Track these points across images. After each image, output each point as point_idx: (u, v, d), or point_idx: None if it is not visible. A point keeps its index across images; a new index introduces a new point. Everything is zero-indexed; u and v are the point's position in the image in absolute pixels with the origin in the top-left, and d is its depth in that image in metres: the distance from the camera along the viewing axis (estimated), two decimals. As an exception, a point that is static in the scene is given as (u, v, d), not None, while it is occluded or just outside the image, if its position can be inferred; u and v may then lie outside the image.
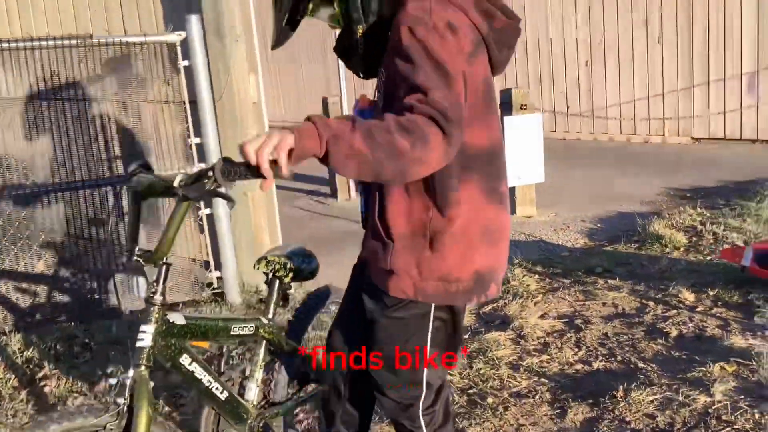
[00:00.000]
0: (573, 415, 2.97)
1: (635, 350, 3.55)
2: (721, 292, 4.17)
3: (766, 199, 6.25)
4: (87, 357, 3.86)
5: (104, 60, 4.44)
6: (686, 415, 2.86)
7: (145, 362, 1.90)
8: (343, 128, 1.62)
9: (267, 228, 4.99)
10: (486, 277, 1.94)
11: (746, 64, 9.12)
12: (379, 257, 1.93)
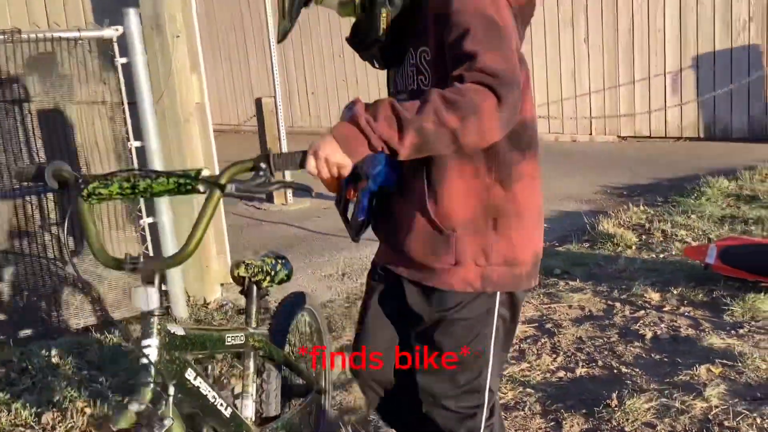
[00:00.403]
0: (569, 427, 2.84)
1: (614, 354, 3.47)
2: (684, 291, 4.15)
3: (703, 195, 6.36)
4: (27, 384, 3.49)
5: (33, 57, 4.06)
6: (686, 422, 2.77)
7: (155, 380, 1.70)
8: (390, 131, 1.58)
9: (213, 238, 4.70)
10: (539, 260, 1.92)
11: (670, 63, 9.33)
12: (437, 253, 1.82)
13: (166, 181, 1.79)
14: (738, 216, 5.64)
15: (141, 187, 1.81)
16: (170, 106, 4.42)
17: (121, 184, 1.81)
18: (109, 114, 4.22)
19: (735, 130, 9.11)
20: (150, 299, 1.73)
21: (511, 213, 1.82)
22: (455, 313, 1.85)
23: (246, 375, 2.24)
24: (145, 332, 1.74)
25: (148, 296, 1.73)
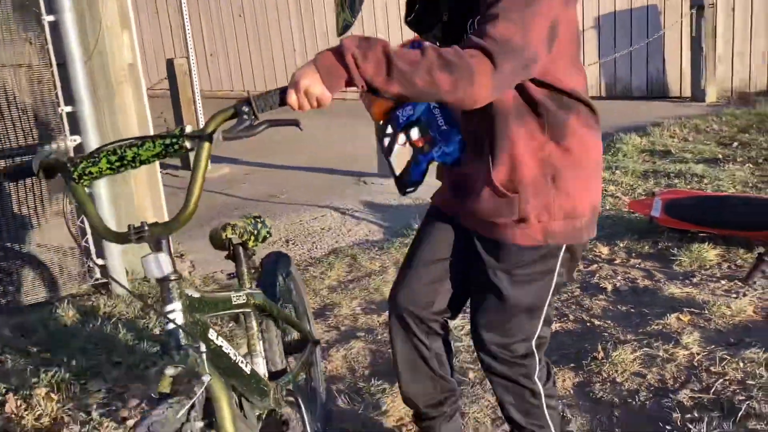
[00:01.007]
0: (561, 381, 2.89)
1: (582, 308, 3.55)
2: (630, 244, 4.29)
3: (619, 152, 6.60)
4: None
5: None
6: (674, 370, 2.87)
7: (186, 342, 1.70)
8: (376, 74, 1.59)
9: (152, 208, 4.46)
10: (597, 212, 1.98)
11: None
12: (502, 213, 1.89)
13: (152, 145, 1.74)
14: (659, 170, 5.88)
15: (129, 157, 1.77)
16: (100, 68, 4.11)
17: (109, 158, 1.77)
18: (37, 77, 3.87)
19: (635, 88, 9.49)
20: (163, 265, 1.72)
21: (567, 167, 1.87)
22: (518, 266, 1.93)
23: (251, 334, 2.24)
24: (166, 297, 1.74)
25: (160, 262, 1.72)
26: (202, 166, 1.70)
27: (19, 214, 3.99)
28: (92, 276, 4.20)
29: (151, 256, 1.72)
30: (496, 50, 1.60)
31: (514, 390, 2.07)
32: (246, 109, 1.64)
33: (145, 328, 3.60)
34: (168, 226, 1.74)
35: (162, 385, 1.64)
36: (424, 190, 2.23)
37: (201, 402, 1.66)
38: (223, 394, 1.71)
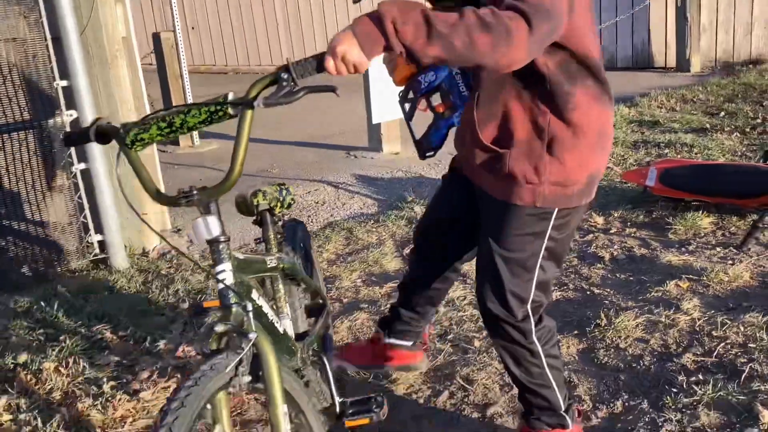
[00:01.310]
0: (566, 348, 2.94)
1: (581, 277, 3.60)
2: (624, 213, 4.35)
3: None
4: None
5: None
6: (676, 335, 2.94)
7: (232, 301, 1.76)
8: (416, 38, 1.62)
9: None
10: (595, 180, 2.05)
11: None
12: (494, 170, 1.98)
13: (198, 112, 1.78)
14: (649, 141, 5.94)
15: (177, 124, 1.80)
16: (95, 42, 4.07)
17: (159, 124, 1.81)
18: (31, 51, 3.83)
19: (620, 59, 9.54)
20: (212, 227, 1.77)
21: (567, 138, 1.93)
22: (507, 224, 2.02)
23: (278, 297, 2.30)
24: (216, 258, 1.79)
25: (209, 225, 1.77)
26: (245, 132, 1.75)
27: (17, 191, 3.97)
28: (91, 251, 4.19)
29: (201, 219, 1.79)
30: (532, 12, 1.64)
31: (514, 351, 2.17)
32: (285, 76, 1.68)
33: (150, 303, 3.61)
34: (215, 190, 1.79)
35: (211, 342, 1.71)
36: (415, 161, 2.31)
37: (248, 357, 1.73)
38: (269, 351, 1.79)
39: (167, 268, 4.15)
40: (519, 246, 2.03)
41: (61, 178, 4.06)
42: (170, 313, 3.51)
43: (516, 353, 2.17)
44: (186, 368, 2.98)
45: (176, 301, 3.63)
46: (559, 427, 2.25)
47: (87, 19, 3.98)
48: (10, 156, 3.91)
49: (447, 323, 3.24)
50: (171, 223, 4.87)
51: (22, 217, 4.01)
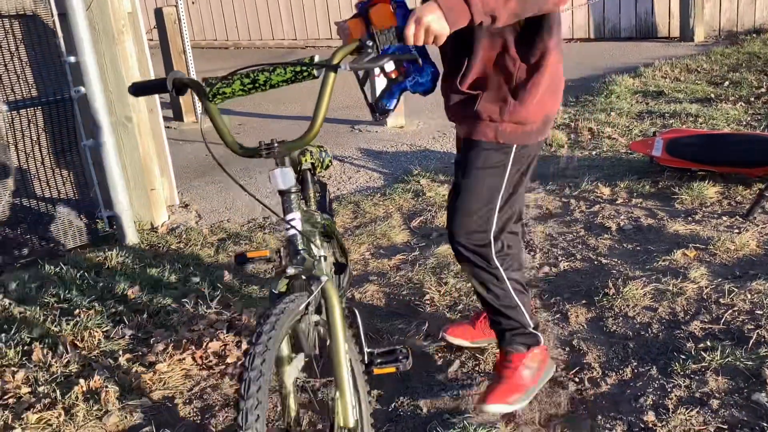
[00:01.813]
0: (575, 317, 2.98)
1: (588, 247, 3.63)
2: (631, 184, 4.37)
3: (612, 94, 6.65)
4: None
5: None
6: (684, 303, 2.97)
7: (303, 246, 1.92)
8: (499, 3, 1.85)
9: (156, 156, 4.46)
10: (550, 120, 2.27)
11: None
12: (466, 111, 2.20)
13: (284, 71, 1.89)
14: (654, 111, 5.94)
15: (261, 81, 1.92)
16: (100, 18, 4.07)
17: (242, 80, 1.92)
18: (39, 28, 3.83)
19: (623, 29, 9.49)
20: (287, 178, 1.91)
21: (533, 84, 2.13)
22: (474, 158, 2.24)
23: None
24: (287, 208, 1.93)
25: (286, 176, 1.91)
26: (327, 92, 1.86)
27: (26, 167, 3.99)
28: (101, 227, 4.22)
29: (278, 170, 1.91)
30: None
31: (479, 276, 2.38)
32: (370, 44, 1.82)
33: (161, 276, 3.65)
34: (294, 144, 1.91)
35: (280, 285, 1.87)
36: (419, 134, 2.36)
37: (317, 299, 1.88)
38: (334, 293, 1.91)
39: (177, 243, 4.19)
40: (482, 179, 2.25)
41: (70, 155, 4.08)
42: (182, 287, 3.55)
43: (482, 277, 2.38)
44: (200, 341, 3.02)
45: (187, 274, 3.67)
46: (533, 345, 2.47)
47: (92, -6, 3.98)
48: (19, 133, 3.92)
49: (456, 294, 3.28)
50: (179, 198, 4.90)
51: (32, 193, 4.04)
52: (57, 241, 4.09)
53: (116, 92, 4.14)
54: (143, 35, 4.34)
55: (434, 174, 4.98)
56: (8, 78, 3.82)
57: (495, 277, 2.37)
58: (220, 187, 5.17)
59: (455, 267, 3.52)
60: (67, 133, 3.99)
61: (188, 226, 4.46)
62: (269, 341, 1.65)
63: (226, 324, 3.16)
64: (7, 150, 3.93)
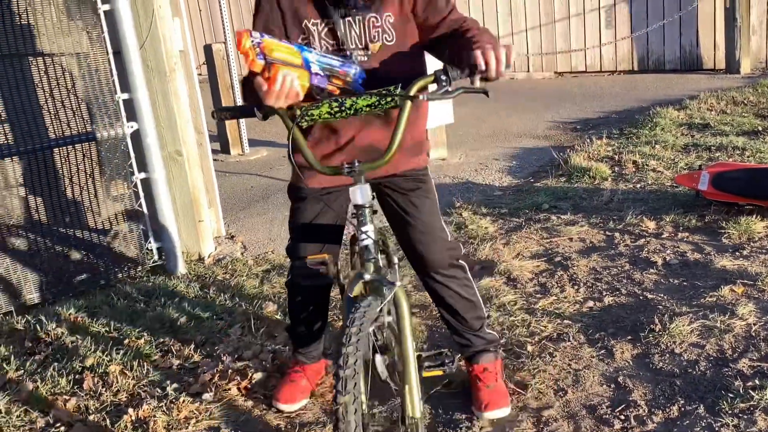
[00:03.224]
0: (620, 353, 2.96)
1: (633, 282, 3.60)
2: (676, 218, 4.33)
3: (657, 126, 6.60)
4: (47, 351, 3.34)
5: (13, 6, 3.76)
6: (732, 341, 2.93)
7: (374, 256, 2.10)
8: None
9: (204, 189, 4.56)
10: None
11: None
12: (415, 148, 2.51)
13: (369, 96, 2.07)
14: (699, 144, 5.89)
15: (348, 105, 2.08)
16: (153, 56, 4.20)
17: (330, 104, 2.08)
18: (94, 65, 3.98)
19: (668, 61, 9.44)
20: (365, 194, 2.11)
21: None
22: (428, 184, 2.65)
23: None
24: (362, 221, 2.13)
25: (363, 192, 2.10)
26: (404, 120, 2.04)
27: (80, 200, 4.12)
28: (150, 258, 4.32)
29: (358, 186, 2.11)
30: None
31: (462, 290, 2.62)
32: (444, 77, 2.00)
33: (208, 307, 3.72)
34: (372, 164, 2.09)
35: (355, 290, 2.08)
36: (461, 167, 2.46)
37: (390, 302, 2.07)
38: (404, 298, 2.11)
39: (223, 274, 4.27)
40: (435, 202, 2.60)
41: (122, 187, 4.20)
42: (228, 318, 3.61)
43: (463, 291, 2.62)
44: (245, 372, 3.07)
45: (233, 305, 3.74)
46: (500, 357, 2.80)
47: (146, 33, 4.12)
48: (74, 167, 4.06)
49: (499, 328, 3.28)
50: (225, 230, 5.00)
51: (85, 225, 4.16)
52: (108, 271, 4.19)
53: (167, 127, 4.26)
54: (194, 71, 4.47)
55: (476, 206, 5.00)
56: (65, 114, 3.96)
57: (471, 284, 2.66)
58: (265, 219, 5.25)
59: (497, 300, 3.52)
60: (119, 166, 4.11)
61: (234, 257, 4.54)
62: (359, 342, 1.82)
63: (271, 355, 3.21)
64: (62, 184, 4.06)
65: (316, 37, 2.33)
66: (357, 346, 1.82)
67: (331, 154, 2.44)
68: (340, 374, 1.77)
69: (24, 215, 3.99)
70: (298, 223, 2.58)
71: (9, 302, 3.87)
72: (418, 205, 2.53)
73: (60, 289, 4.02)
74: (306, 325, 2.77)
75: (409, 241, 2.56)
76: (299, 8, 2.32)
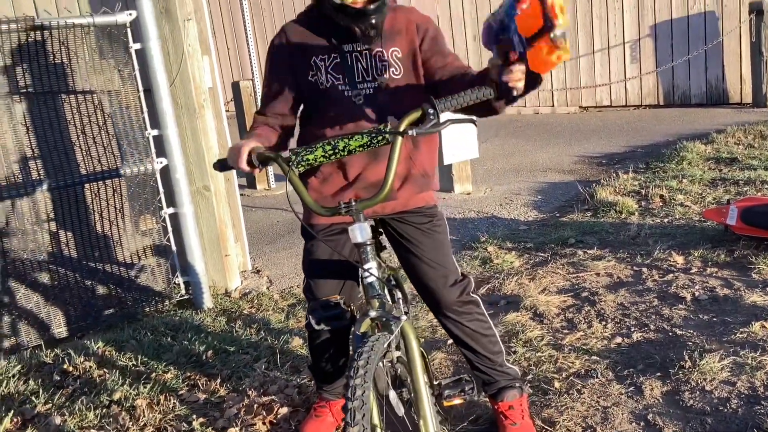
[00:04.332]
0: (649, 390, 2.91)
1: (662, 317, 3.56)
2: (705, 253, 4.29)
3: (684, 160, 6.57)
4: (75, 385, 3.36)
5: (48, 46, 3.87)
6: (764, 377, 2.88)
7: (378, 292, 2.12)
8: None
9: (231, 224, 4.60)
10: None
11: (628, 33, 9.55)
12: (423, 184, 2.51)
13: (361, 137, 2.10)
14: (727, 178, 5.84)
15: (340, 147, 2.11)
16: (183, 93, 4.28)
17: (324, 147, 2.12)
18: (125, 102, 4.06)
19: (693, 96, 9.41)
20: (364, 232, 2.09)
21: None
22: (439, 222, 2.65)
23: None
24: (365, 258, 2.12)
25: (362, 230, 2.09)
26: (396, 155, 2.06)
27: (110, 234, 4.17)
28: (177, 292, 4.35)
29: (357, 225, 2.10)
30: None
31: (477, 326, 2.60)
32: (431, 111, 2.02)
33: (234, 341, 3.73)
34: (369, 202, 2.10)
35: (363, 326, 2.07)
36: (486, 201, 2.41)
37: (398, 337, 2.09)
38: (411, 331, 2.13)
39: (249, 308, 4.28)
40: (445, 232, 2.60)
41: (150, 222, 4.25)
42: (254, 352, 3.62)
43: (478, 326, 2.60)
44: (271, 406, 3.06)
45: (258, 339, 3.75)
46: (525, 393, 2.76)
47: (176, 71, 4.21)
48: (104, 202, 4.12)
49: (526, 364, 3.25)
50: (251, 264, 5.03)
51: (113, 259, 4.21)
52: (136, 305, 4.23)
53: (196, 163, 4.32)
54: (222, 108, 4.55)
55: (501, 241, 4.99)
56: (96, 150, 4.04)
57: (486, 319, 2.63)
58: (290, 253, 5.28)
59: (524, 335, 3.50)
60: (148, 201, 4.17)
61: (260, 291, 4.56)
62: (366, 374, 1.83)
63: (296, 389, 3.20)
64: (92, 219, 4.12)
65: (323, 71, 2.37)
66: (365, 378, 1.83)
67: (340, 190, 2.45)
68: (348, 406, 1.80)
69: (54, 250, 4.06)
70: (311, 262, 2.56)
71: (38, 336, 3.91)
72: (428, 241, 2.52)
73: (88, 322, 4.06)
74: (328, 364, 2.76)
75: (419, 279, 2.55)
76: (307, 45, 2.38)
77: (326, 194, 2.45)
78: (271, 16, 11.86)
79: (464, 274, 2.62)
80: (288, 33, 2.43)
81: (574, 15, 9.70)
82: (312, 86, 2.40)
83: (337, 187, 2.46)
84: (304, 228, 2.56)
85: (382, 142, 2.10)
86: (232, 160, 2.16)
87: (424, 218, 2.53)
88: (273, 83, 2.47)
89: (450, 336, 2.69)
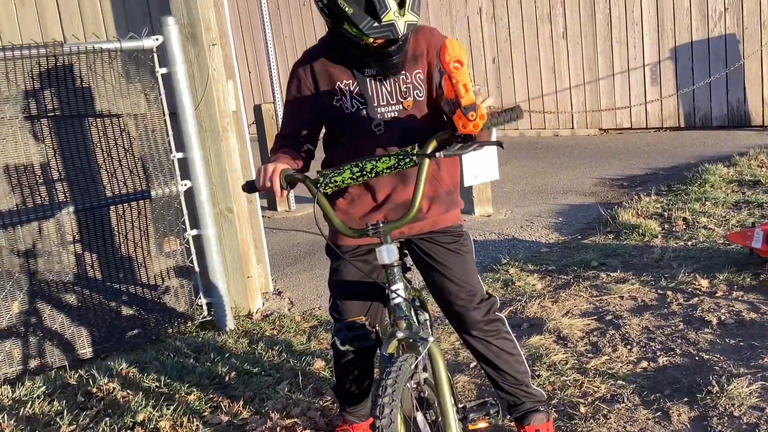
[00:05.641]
0: (677, 416, 2.88)
1: (688, 342, 3.53)
2: (730, 276, 4.25)
3: (706, 183, 6.52)
4: (99, 407, 3.37)
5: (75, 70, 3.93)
6: (794, 403, 2.84)
7: (405, 313, 2.15)
8: None
9: (253, 245, 4.63)
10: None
11: (648, 55, 9.54)
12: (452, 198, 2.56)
13: (388, 158, 2.12)
14: (751, 201, 5.80)
15: (368, 169, 2.13)
16: (207, 116, 4.32)
17: (352, 169, 2.14)
18: (151, 126, 4.11)
19: (714, 118, 9.36)
20: (391, 253, 2.12)
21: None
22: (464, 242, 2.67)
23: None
24: (392, 279, 2.16)
25: (389, 252, 2.11)
26: (423, 177, 2.09)
27: (134, 256, 4.21)
28: (199, 314, 4.37)
29: (384, 246, 2.12)
30: None
31: (502, 344, 2.62)
32: (458, 134, 2.04)
33: (256, 363, 3.73)
34: (396, 224, 2.15)
35: (390, 348, 2.09)
36: (507, 223, 2.40)
37: (425, 358, 2.09)
38: (438, 353, 2.14)
39: (271, 330, 4.29)
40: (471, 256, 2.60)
41: (174, 244, 4.28)
42: (276, 374, 3.62)
43: (504, 345, 2.61)
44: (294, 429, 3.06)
45: (281, 361, 3.75)
46: (551, 418, 2.78)
47: (201, 95, 4.26)
48: (129, 224, 4.16)
49: (550, 388, 3.23)
50: (273, 285, 5.04)
51: (137, 281, 4.24)
52: (159, 326, 4.25)
53: (219, 185, 4.36)
54: (245, 131, 4.59)
55: (523, 263, 4.97)
56: (121, 172, 4.09)
57: (510, 337, 2.66)
58: (312, 274, 5.29)
59: (547, 359, 3.47)
60: (172, 223, 4.20)
61: (281, 313, 4.56)
62: (394, 393, 1.85)
63: (319, 412, 3.20)
64: (116, 240, 4.16)
65: (348, 96, 2.40)
66: (393, 397, 1.86)
67: (369, 212, 2.47)
68: (376, 424, 1.82)
69: (79, 271, 4.09)
70: (338, 282, 2.58)
71: (62, 357, 3.94)
72: (456, 261, 2.54)
73: (112, 343, 4.08)
74: (353, 385, 2.76)
75: (446, 298, 2.56)
76: (332, 72, 2.41)
77: (354, 215, 2.45)
78: (292, 40, 11.98)
79: (489, 293, 2.63)
80: (312, 58, 2.46)
81: (594, 38, 9.73)
82: (337, 111, 2.42)
83: (366, 209, 2.47)
84: (329, 247, 2.57)
85: (410, 165, 2.12)
86: (261, 181, 2.17)
87: (451, 238, 2.55)
88: (295, 107, 2.49)
89: (475, 356, 2.68)
